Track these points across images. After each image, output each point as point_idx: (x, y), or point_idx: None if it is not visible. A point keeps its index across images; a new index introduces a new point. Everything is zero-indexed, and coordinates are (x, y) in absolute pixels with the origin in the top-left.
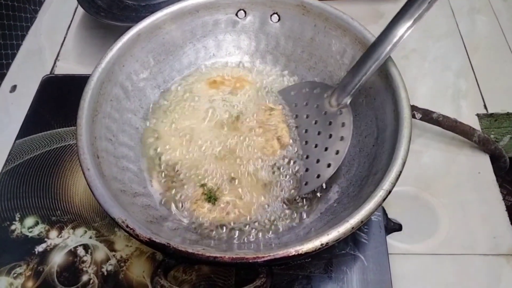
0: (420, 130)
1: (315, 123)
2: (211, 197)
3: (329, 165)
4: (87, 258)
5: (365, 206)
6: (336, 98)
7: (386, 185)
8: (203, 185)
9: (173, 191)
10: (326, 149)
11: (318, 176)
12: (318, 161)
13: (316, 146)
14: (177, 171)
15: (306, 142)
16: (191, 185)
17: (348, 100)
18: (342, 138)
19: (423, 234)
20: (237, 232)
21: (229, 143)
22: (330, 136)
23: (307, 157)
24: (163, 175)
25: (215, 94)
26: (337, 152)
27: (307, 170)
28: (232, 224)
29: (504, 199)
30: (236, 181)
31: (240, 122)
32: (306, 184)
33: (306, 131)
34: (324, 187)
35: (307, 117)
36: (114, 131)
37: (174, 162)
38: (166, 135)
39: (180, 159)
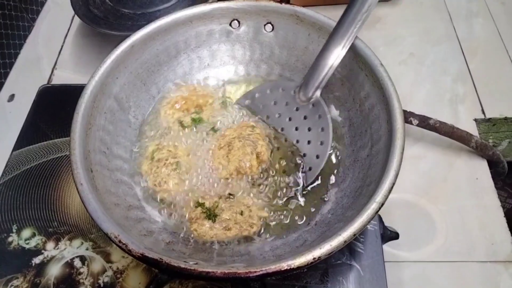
0: (417, 136)
1: (289, 119)
2: (211, 215)
3: (317, 157)
4: (84, 269)
5: (357, 219)
6: (304, 94)
7: (379, 197)
8: (200, 205)
9: (169, 214)
10: (309, 142)
11: (310, 168)
12: (304, 155)
13: (297, 141)
14: (171, 199)
15: (286, 139)
16: (187, 206)
17: (318, 93)
18: (322, 129)
19: (421, 241)
20: (230, 244)
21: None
22: (309, 129)
23: (292, 153)
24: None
25: (182, 116)
26: (322, 143)
27: (296, 165)
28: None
29: (504, 201)
30: (234, 197)
31: (219, 134)
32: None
33: (282, 129)
34: (319, 181)
35: (280, 116)
36: (108, 144)
37: (166, 190)
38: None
39: (171, 189)
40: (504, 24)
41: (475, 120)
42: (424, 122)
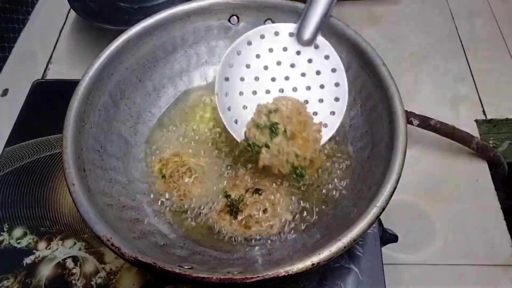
0: (418, 136)
1: (292, 66)
2: (233, 210)
3: (336, 99)
4: (76, 270)
5: (358, 224)
6: (305, 34)
7: (380, 202)
8: (227, 196)
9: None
10: (322, 86)
11: (333, 113)
12: (321, 100)
13: (309, 88)
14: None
15: (295, 89)
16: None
17: (319, 34)
18: (334, 70)
19: (420, 243)
20: (228, 247)
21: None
22: (318, 72)
23: (307, 102)
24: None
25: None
26: (337, 84)
27: (316, 114)
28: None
29: (503, 202)
30: (261, 192)
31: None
32: (325, 126)
33: (287, 78)
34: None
35: (279, 63)
36: (102, 142)
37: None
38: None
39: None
40: (506, 24)
41: (476, 121)
42: (425, 122)
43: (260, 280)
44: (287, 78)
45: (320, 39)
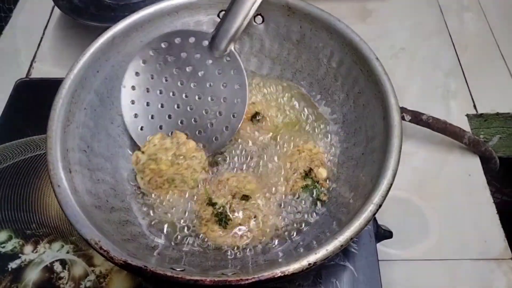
0: (410, 132)
1: (202, 75)
2: (222, 219)
3: (234, 115)
4: (65, 274)
5: (354, 222)
6: (218, 46)
7: (376, 199)
8: (212, 204)
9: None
10: (224, 99)
11: (227, 128)
12: (220, 113)
13: (212, 99)
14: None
15: (199, 97)
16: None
17: (232, 46)
18: (240, 85)
19: (414, 239)
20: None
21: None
22: (224, 85)
23: (206, 111)
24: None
25: None
26: (238, 101)
27: (212, 125)
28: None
29: (493, 196)
30: (250, 199)
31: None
32: (216, 139)
33: (195, 84)
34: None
35: (192, 69)
36: (89, 141)
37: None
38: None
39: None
40: (495, 19)
41: (467, 115)
42: (417, 118)
43: (256, 282)
44: (195, 84)
45: (232, 52)
